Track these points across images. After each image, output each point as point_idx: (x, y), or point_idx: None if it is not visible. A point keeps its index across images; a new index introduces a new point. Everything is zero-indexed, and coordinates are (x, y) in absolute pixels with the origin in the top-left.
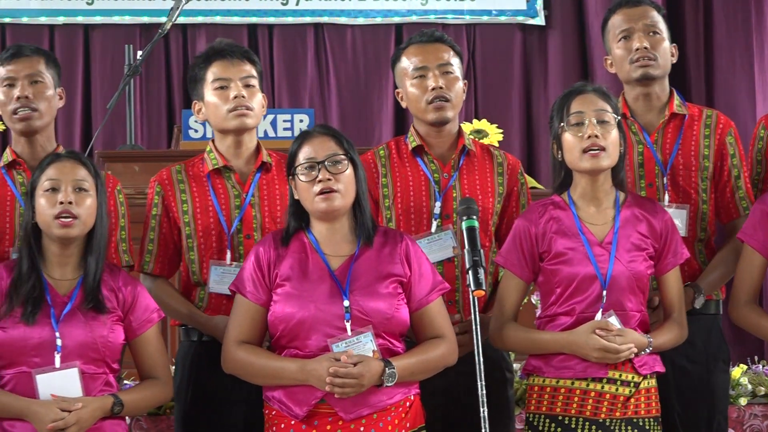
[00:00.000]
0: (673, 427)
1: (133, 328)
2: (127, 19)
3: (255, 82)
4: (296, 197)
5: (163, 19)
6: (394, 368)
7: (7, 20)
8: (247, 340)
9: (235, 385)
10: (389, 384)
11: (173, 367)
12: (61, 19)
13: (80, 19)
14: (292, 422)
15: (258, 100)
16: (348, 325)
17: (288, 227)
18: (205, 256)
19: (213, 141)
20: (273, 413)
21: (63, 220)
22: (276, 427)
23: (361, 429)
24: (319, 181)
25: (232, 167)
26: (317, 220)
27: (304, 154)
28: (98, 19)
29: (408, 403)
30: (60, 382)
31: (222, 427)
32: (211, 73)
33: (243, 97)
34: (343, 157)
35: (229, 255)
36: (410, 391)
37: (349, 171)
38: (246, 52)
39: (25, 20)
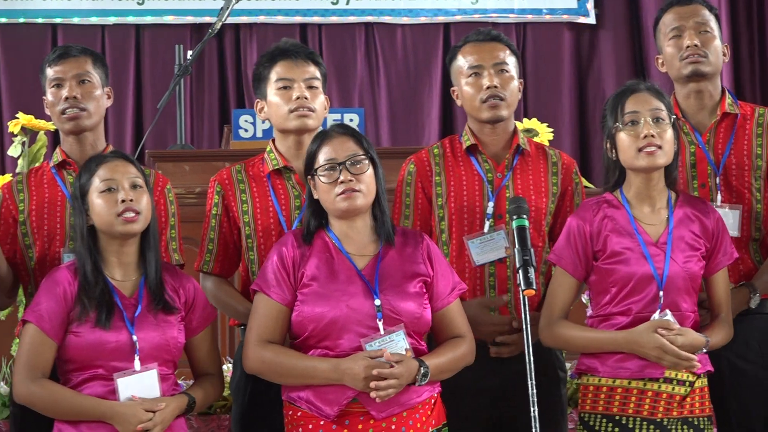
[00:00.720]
0: (730, 426)
1: (192, 326)
2: (177, 19)
3: (318, 83)
4: (315, 197)
5: (214, 19)
6: (428, 368)
7: (58, 21)
8: (271, 340)
9: None
10: (422, 383)
11: (229, 365)
12: (111, 20)
13: (131, 19)
14: (321, 422)
15: (320, 102)
16: (380, 324)
17: (308, 226)
18: (264, 256)
19: (273, 141)
20: (299, 414)
21: (127, 216)
22: (303, 429)
23: (392, 427)
24: (341, 182)
25: (293, 168)
26: (337, 219)
27: (324, 154)
28: (149, 19)
29: (433, 401)
30: (140, 384)
31: (279, 427)
32: (275, 72)
33: (305, 98)
34: (363, 156)
35: None
36: (434, 389)
37: (370, 171)
38: (311, 53)
39: (76, 21)
